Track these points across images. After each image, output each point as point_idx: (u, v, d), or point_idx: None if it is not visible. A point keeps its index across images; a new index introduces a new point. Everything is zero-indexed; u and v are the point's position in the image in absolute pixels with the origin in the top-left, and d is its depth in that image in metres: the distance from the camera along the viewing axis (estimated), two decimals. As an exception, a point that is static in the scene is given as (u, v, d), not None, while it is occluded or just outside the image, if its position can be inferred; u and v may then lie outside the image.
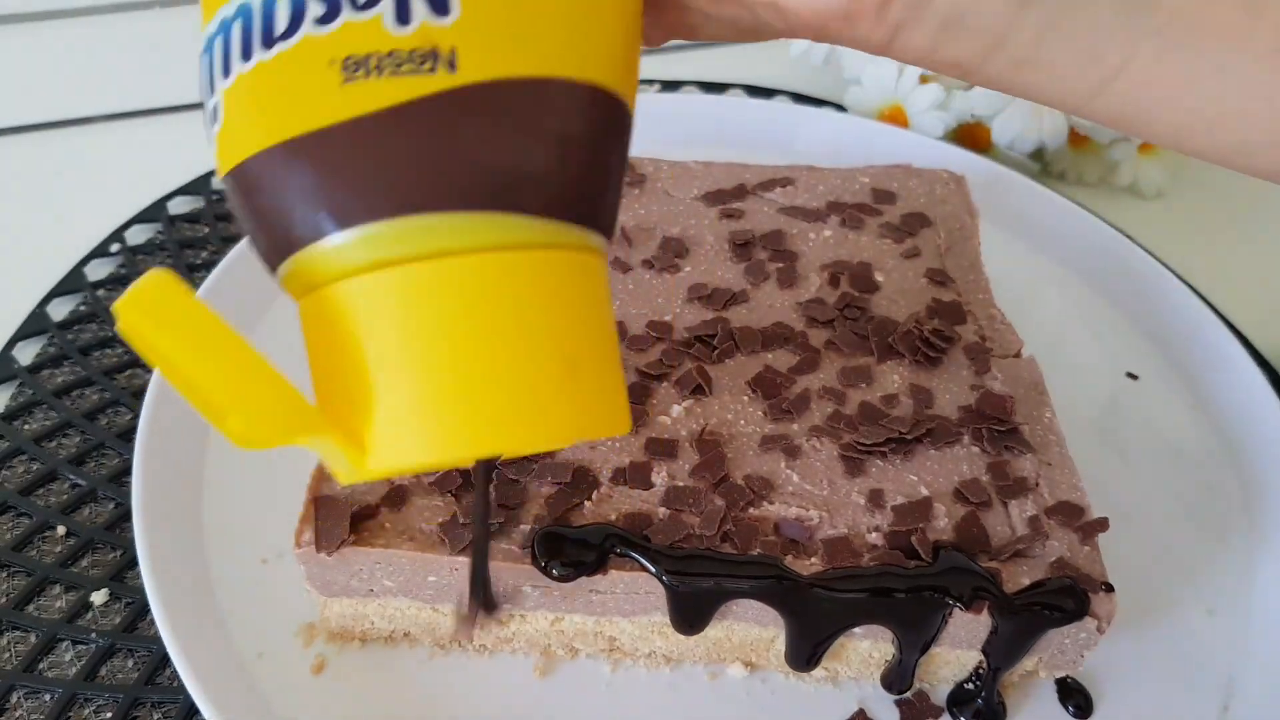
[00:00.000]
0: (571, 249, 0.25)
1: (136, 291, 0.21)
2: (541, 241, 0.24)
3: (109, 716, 0.38)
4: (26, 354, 0.52)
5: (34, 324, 0.53)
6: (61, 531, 0.44)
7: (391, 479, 0.37)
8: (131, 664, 0.40)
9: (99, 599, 0.42)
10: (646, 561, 0.35)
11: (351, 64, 0.22)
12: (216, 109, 0.24)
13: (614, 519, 0.36)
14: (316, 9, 0.22)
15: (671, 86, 0.73)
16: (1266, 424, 0.48)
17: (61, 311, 0.54)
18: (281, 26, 0.22)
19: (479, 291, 0.23)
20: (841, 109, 0.69)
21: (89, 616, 0.41)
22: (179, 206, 0.61)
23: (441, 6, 0.22)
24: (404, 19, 0.22)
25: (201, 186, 0.62)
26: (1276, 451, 0.47)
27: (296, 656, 0.39)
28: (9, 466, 0.47)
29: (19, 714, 0.38)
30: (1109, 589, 0.35)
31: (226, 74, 0.23)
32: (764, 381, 0.41)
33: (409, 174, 0.22)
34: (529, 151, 0.23)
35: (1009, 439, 0.39)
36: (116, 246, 0.58)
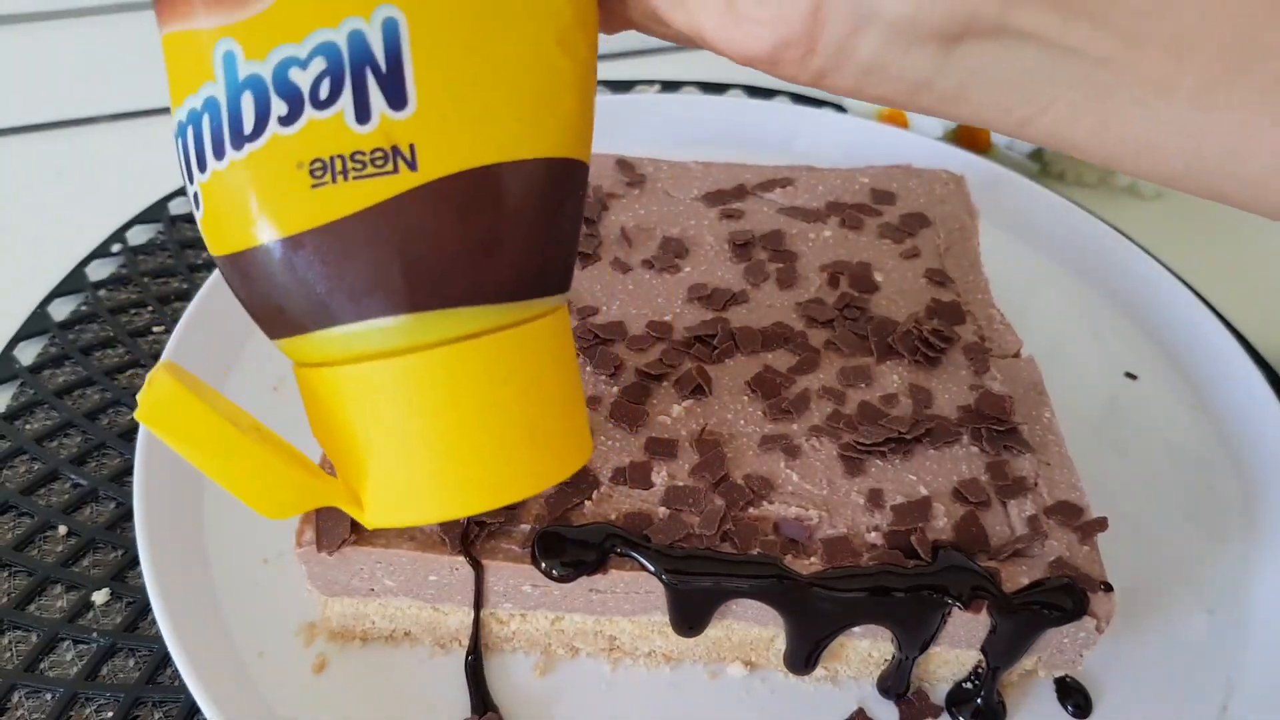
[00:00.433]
0: (533, 319, 0.26)
1: (146, 401, 0.24)
2: (506, 323, 0.26)
3: (110, 716, 0.38)
4: (28, 354, 0.52)
5: (35, 324, 0.53)
6: (63, 531, 0.44)
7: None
8: (132, 663, 0.40)
9: (100, 598, 0.42)
10: (646, 561, 0.35)
11: (318, 167, 0.23)
12: (197, 198, 0.25)
13: (614, 519, 0.36)
14: (280, 107, 0.23)
15: (671, 86, 0.73)
16: (1266, 424, 0.48)
17: (63, 311, 0.54)
18: (249, 125, 0.23)
19: (448, 380, 0.25)
20: (841, 109, 0.69)
21: (90, 616, 0.41)
22: (180, 206, 0.61)
23: (399, 100, 0.23)
24: (363, 116, 0.23)
25: (202, 186, 0.62)
26: (1276, 451, 0.47)
27: (297, 656, 0.39)
28: (10, 466, 0.47)
29: (20, 713, 0.38)
30: (1108, 588, 0.35)
31: (202, 169, 0.24)
32: (764, 381, 0.41)
33: (378, 279, 0.24)
34: (496, 242, 0.25)
35: (1008, 439, 0.39)
36: (118, 247, 0.58)
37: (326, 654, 0.39)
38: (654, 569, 0.35)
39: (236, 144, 0.23)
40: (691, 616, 0.36)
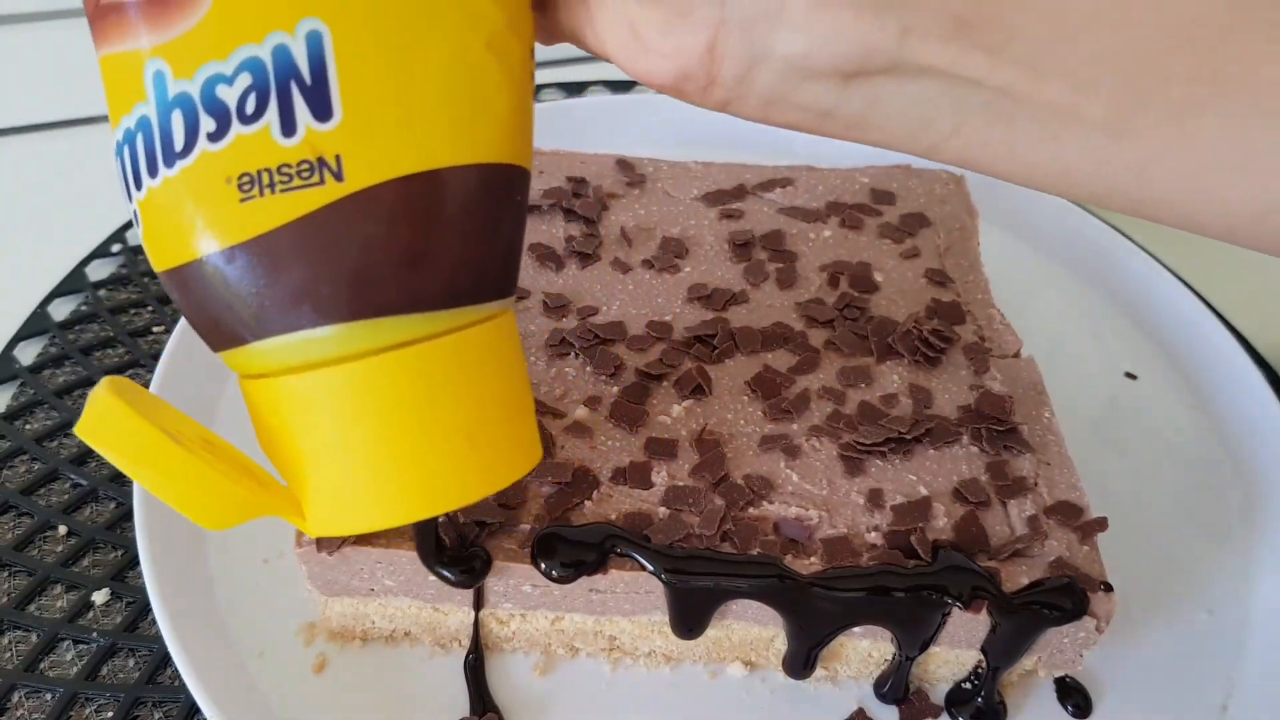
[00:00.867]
0: (472, 325, 0.26)
1: (87, 416, 0.24)
2: (442, 330, 0.25)
3: (110, 716, 0.38)
4: (28, 354, 0.52)
5: (35, 324, 0.53)
6: (63, 531, 0.44)
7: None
8: (133, 663, 0.40)
9: (100, 598, 0.42)
10: (646, 561, 0.35)
11: (246, 182, 0.23)
12: (136, 215, 0.25)
13: (614, 519, 0.36)
14: (209, 124, 0.23)
15: (672, 87, 0.73)
16: (1266, 424, 0.48)
17: (63, 311, 0.54)
18: (180, 143, 0.24)
19: (383, 390, 0.25)
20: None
21: (90, 616, 0.41)
22: (180, 206, 0.61)
23: (324, 112, 0.23)
24: (289, 129, 0.23)
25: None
26: (1276, 451, 0.47)
27: (297, 656, 0.39)
28: (10, 466, 0.47)
29: (20, 713, 0.38)
30: (1108, 588, 0.35)
31: (139, 186, 0.25)
32: (764, 381, 0.41)
33: (308, 290, 0.24)
34: (426, 250, 0.25)
35: (1008, 439, 0.39)
36: (118, 247, 0.58)
37: (326, 654, 0.39)
38: (654, 569, 0.35)
39: (169, 161, 0.24)
40: (691, 617, 0.36)
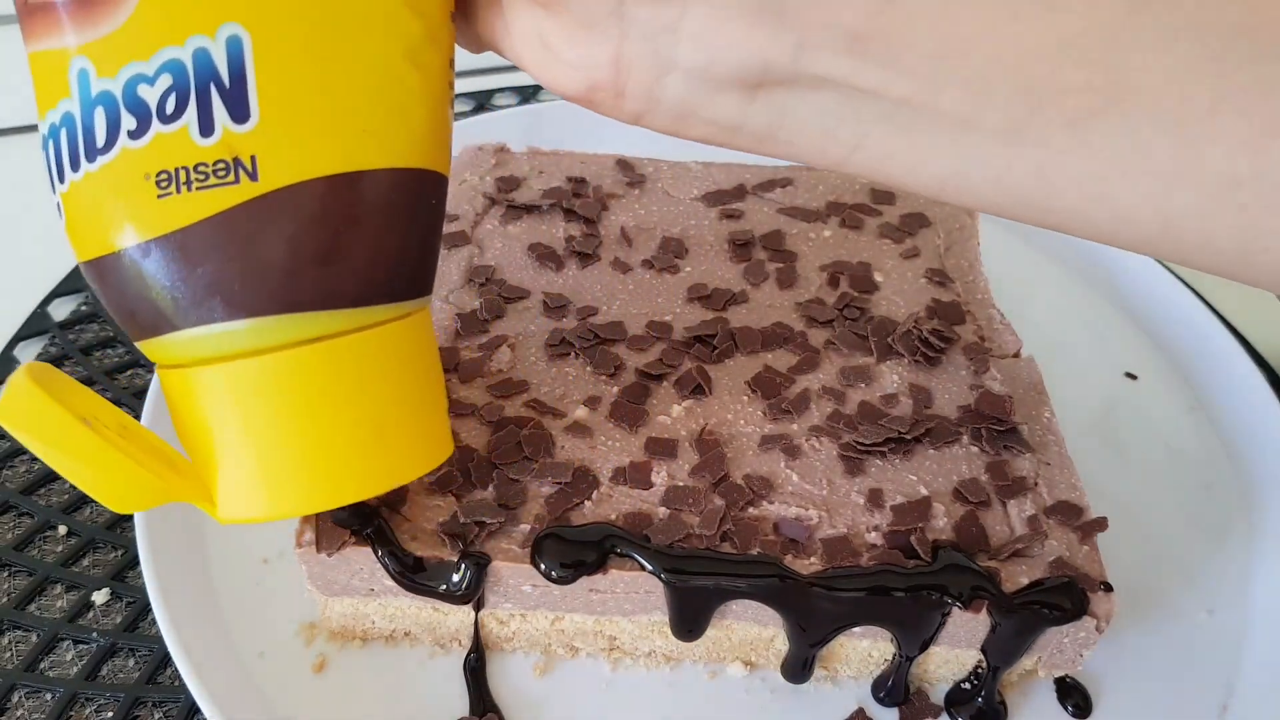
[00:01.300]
0: (382, 323, 0.27)
1: (3, 401, 0.25)
2: (353, 327, 0.27)
3: (110, 716, 0.38)
4: (28, 354, 0.52)
5: (35, 324, 0.53)
6: (63, 531, 0.44)
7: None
8: (133, 663, 0.40)
9: (100, 598, 0.42)
10: (646, 561, 0.35)
11: (164, 178, 0.24)
12: (59, 207, 0.26)
13: (614, 519, 0.36)
14: (129, 122, 0.24)
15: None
16: (1266, 424, 0.48)
17: (63, 311, 0.54)
18: (101, 139, 0.24)
19: (292, 383, 0.26)
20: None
21: (90, 616, 0.41)
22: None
23: (241, 114, 0.24)
24: (207, 130, 0.24)
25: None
26: (1275, 452, 0.47)
27: (297, 656, 0.39)
28: (10, 466, 0.47)
29: (20, 713, 0.38)
30: (1108, 588, 0.35)
31: (62, 180, 0.26)
32: (764, 381, 0.41)
33: (219, 285, 0.25)
34: (337, 250, 0.26)
35: (1008, 439, 0.39)
36: (117, 246, 0.58)
37: (326, 654, 0.39)
38: (653, 569, 0.35)
39: (90, 157, 0.25)
40: (691, 618, 0.36)
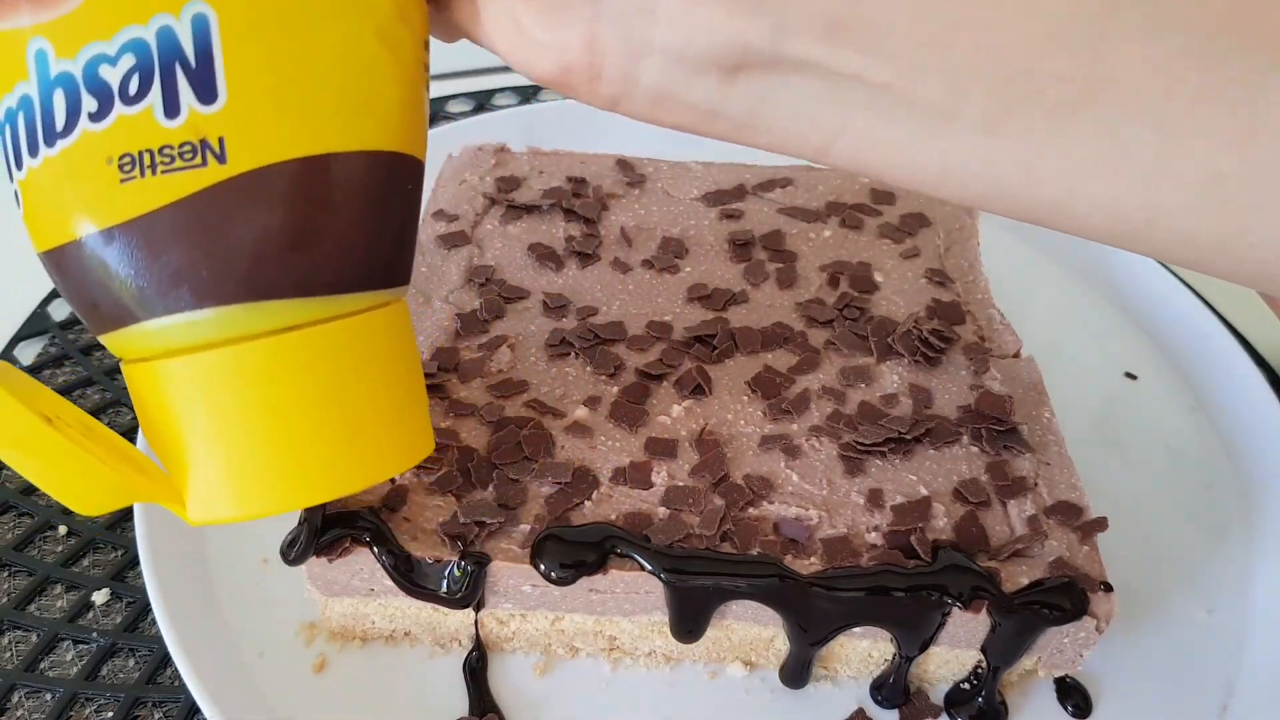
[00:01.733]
0: (358, 313, 0.26)
1: None
2: (327, 316, 0.25)
3: (110, 716, 0.38)
4: (28, 354, 0.52)
5: (35, 324, 0.53)
6: (63, 531, 0.44)
7: (392, 480, 0.37)
8: (133, 663, 0.40)
9: (100, 598, 0.42)
10: (646, 561, 0.35)
11: (127, 162, 0.23)
12: (17, 195, 0.25)
13: (614, 519, 0.36)
14: (90, 104, 0.23)
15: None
16: (1265, 424, 0.48)
17: (63, 311, 0.54)
18: (61, 122, 0.23)
19: (263, 375, 0.25)
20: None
21: (90, 616, 0.41)
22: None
23: (208, 94, 0.23)
24: (172, 111, 0.23)
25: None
26: (1275, 452, 0.47)
27: (297, 656, 0.39)
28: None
29: (20, 713, 0.38)
30: (1108, 588, 0.35)
31: (19, 166, 0.24)
32: (764, 381, 0.41)
33: (185, 272, 0.24)
34: (309, 235, 0.24)
35: (1008, 439, 0.39)
36: (117, 246, 0.58)
37: (326, 654, 0.39)
38: (653, 569, 0.35)
39: (49, 141, 0.24)
40: (691, 618, 0.36)
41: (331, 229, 0.25)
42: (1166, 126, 0.22)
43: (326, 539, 0.35)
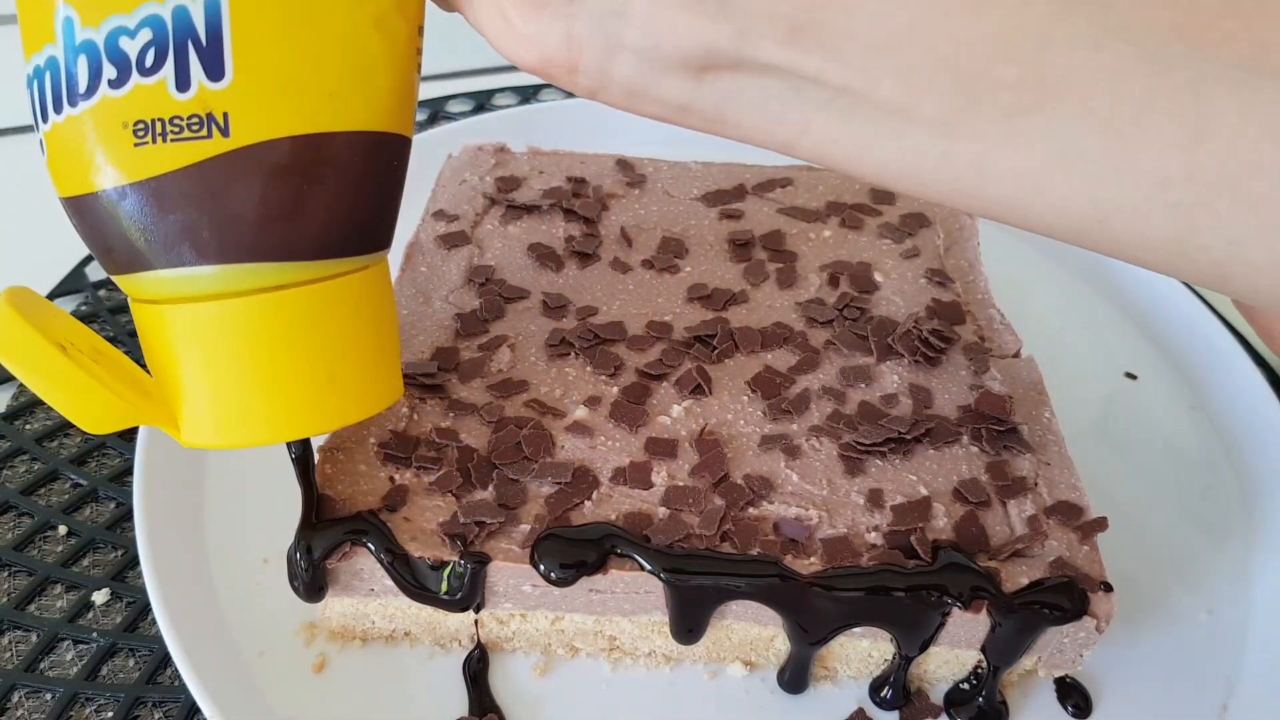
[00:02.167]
0: (343, 275, 0.29)
1: None
2: (313, 278, 0.28)
3: (110, 716, 0.38)
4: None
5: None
6: (63, 531, 0.44)
7: (392, 480, 0.37)
8: (133, 663, 0.40)
9: (100, 598, 0.42)
10: (646, 561, 0.35)
11: (141, 128, 0.26)
12: (42, 144, 0.28)
13: (614, 519, 0.36)
14: (110, 72, 0.26)
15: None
16: (1265, 424, 0.48)
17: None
18: (83, 85, 0.26)
19: (253, 326, 0.28)
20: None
21: (90, 616, 0.41)
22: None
23: (217, 72, 0.26)
24: (184, 85, 0.26)
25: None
26: (1275, 452, 0.47)
27: (297, 655, 0.39)
28: (10, 466, 0.47)
29: (20, 713, 0.38)
30: (1108, 588, 0.35)
31: (45, 119, 0.27)
32: (764, 381, 0.41)
33: (189, 232, 0.27)
34: (300, 206, 0.27)
35: (1008, 439, 0.39)
36: (117, 246, 0.58)
37: (326, 654, 0.39)
38: (653, 569, 0.35)
39: (72, 101, 0.26)
40: (691, 618, 0.36)
41: (321, 201, 0.27)
42: (1115, 131, 0.22)
43: (325, 554, 0.35)
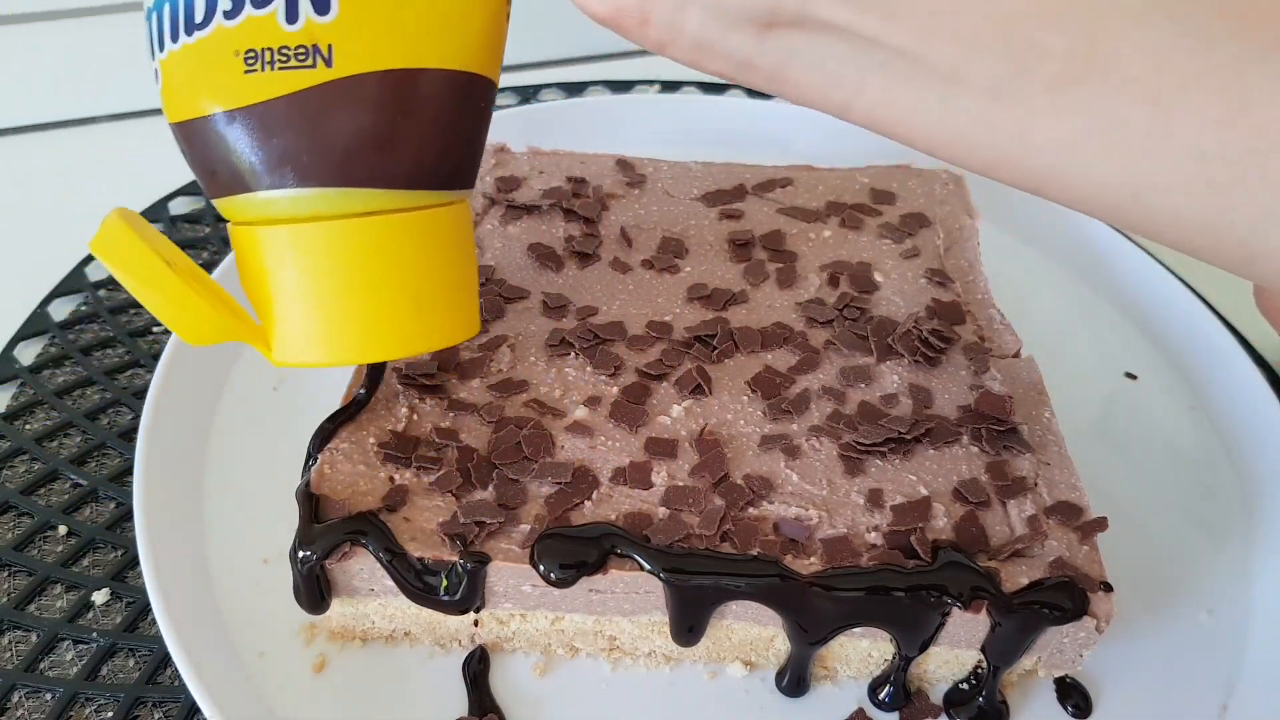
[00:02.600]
0: (430, 208, 0.31)
1: (99, 236, 0.30)
2: (402, 207, 0.30)
3: (110, 716, 0.38)
4: (28, 354, 0.52)
5: (35, 324, 0.53)
6: (63, 531, 0.44)
7: (392, 480, 0.37)
8: (132, 663, 0.40)
9: (100, 598, 0.42)
10: (646, 561, 0.35)
11: (251, 56, 0.28)
12: (157, 73, 0.30)
13: (614, 519, 0.36)
14: (225, 3, 0.28)
15: (671, 87, 0.73)
16: (1265, 424, 0.48)
17: (63, 312, 0.54)
18: (200, 16, 0.28)
19: (344, 248, 0.30)
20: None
21: (90, 616, 0.41)
22: (180, 207, 0.61)
23: (323, 6, 0.27)
24: (293, 17, 0.27)
25: (202, 187, 0.62)
26: (1275, 452, 0.47)
27: (297, 656, 0.39)
28: (10, 466, 0.47)
29: (20, 713, 0.38)
30: (1108, 588, 0.35)
31: (161, 48, 0.29)
32: (764, 381, 0.41)
33: (291, 155, 0.28)
34: (394, 136, 0.29)
35: (1008, 439, 0.39)
36: (117, 246, 0.58)
37: (326, 654, 0.39)
38: (653, 569, 0.35)
39: (189, 30, 0.28)
40: (691, 619, 0.36)
41: (412, 133, 0.29)
42: (1157, 105, 0.23)
43: (325, 554, 0.35)
